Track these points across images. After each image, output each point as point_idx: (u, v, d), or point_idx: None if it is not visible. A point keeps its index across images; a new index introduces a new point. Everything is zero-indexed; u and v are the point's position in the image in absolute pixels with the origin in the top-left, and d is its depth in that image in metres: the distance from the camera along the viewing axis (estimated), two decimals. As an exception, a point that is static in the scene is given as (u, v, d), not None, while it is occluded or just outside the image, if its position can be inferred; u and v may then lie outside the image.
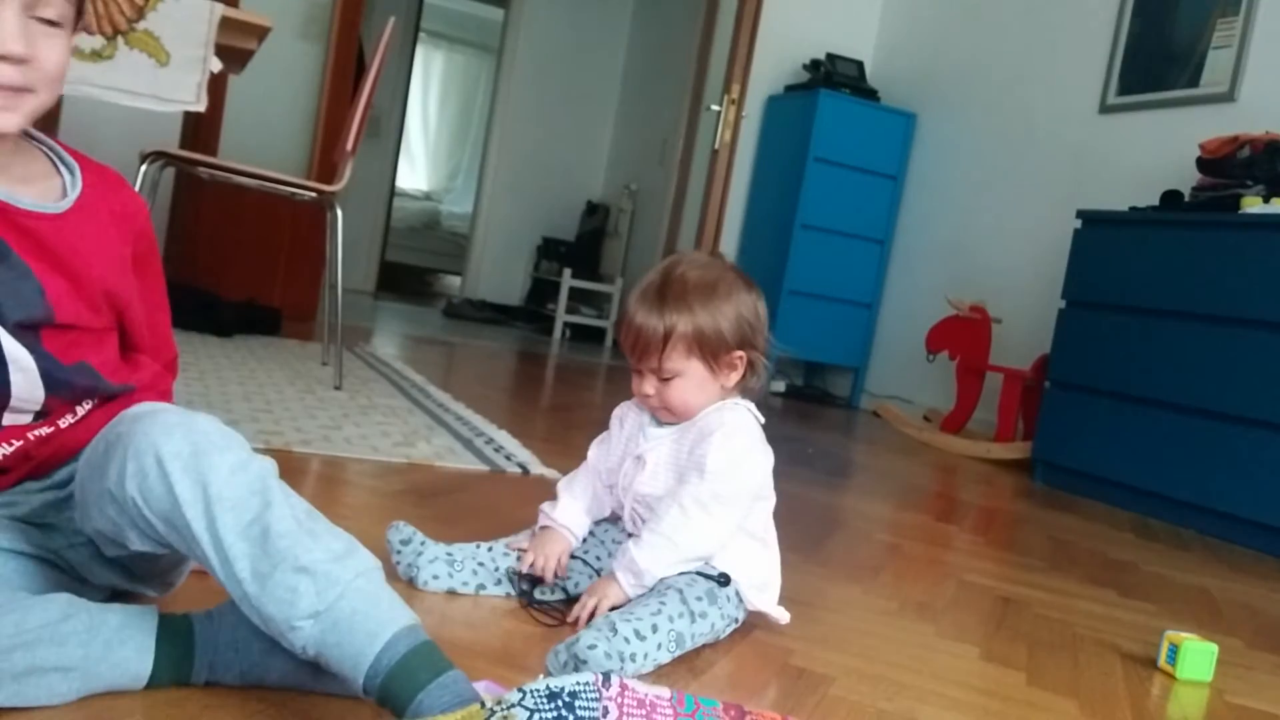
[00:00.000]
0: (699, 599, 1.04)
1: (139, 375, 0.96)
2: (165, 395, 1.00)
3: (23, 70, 0.76)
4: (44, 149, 0.88)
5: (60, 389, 0.87)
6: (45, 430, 0.88)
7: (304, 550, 0.72)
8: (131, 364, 0.96)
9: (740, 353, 1.14)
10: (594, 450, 1.25)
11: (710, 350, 1.12)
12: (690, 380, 1.13)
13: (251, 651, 0.79)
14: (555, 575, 1.15)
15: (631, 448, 1.19)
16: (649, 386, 1.14)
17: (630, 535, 1.17)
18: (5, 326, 0.82)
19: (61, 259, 0.84)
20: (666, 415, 1.16)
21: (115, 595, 0.90)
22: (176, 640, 0.79)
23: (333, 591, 0.72)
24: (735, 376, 1.15)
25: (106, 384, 0.90)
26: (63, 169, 0.88)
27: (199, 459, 0.74)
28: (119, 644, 0.76)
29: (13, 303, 0.81)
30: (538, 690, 0.71)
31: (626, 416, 1.23)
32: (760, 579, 1.16)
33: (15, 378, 0.84)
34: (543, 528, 1.20)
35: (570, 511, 1.21)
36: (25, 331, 0.83)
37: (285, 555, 0.72)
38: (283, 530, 0.73)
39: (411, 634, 0.73)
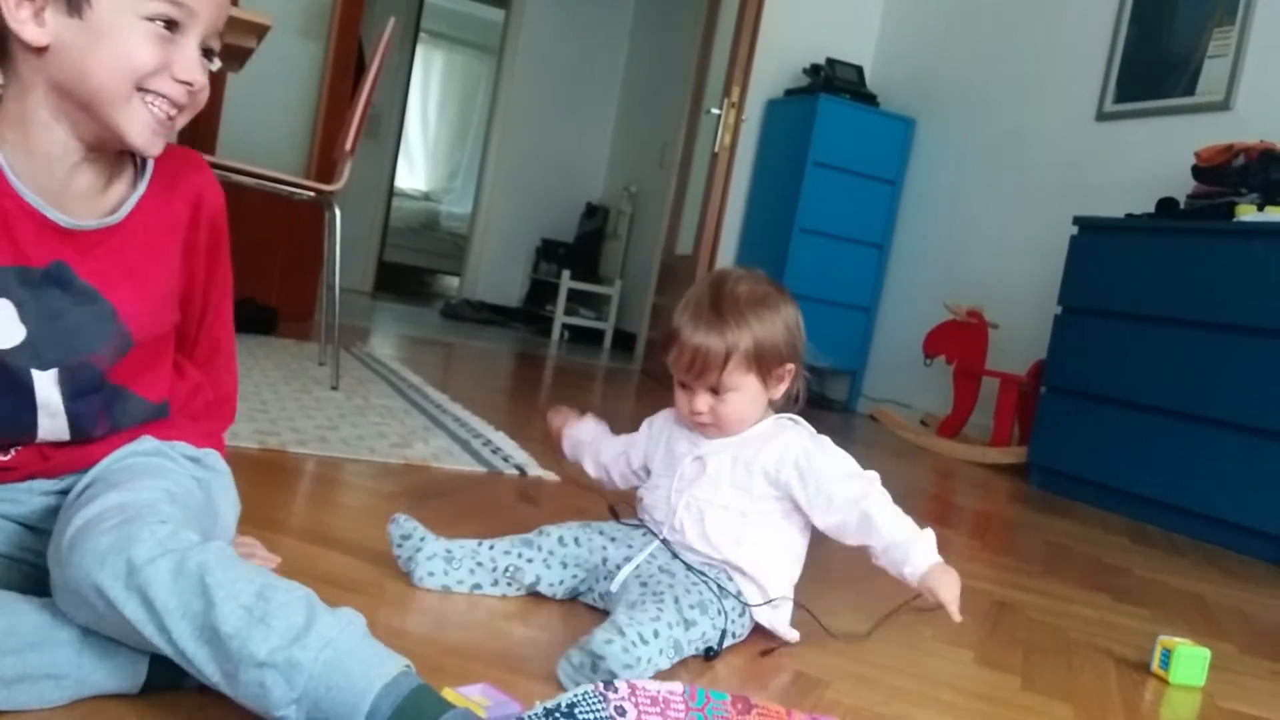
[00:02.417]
0: (691, 608, 1.05)
1: (177, 391, 0.95)
2: (196, 416, 0.98)
3: (188, 92, 0.83)
4: None
5: (87, 430, 0.87)
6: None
7: (259, 643, 0.68)
8: (177, 371, 0.96)
9: (790, 365, 1.16)
10: (639, 435, 1.29)
11: (766, 364, 1.14)
12: (745, 394, 1.14)
13: None
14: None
15: (682, 447, 1.19)
16: (702, 404, 1.14)
17: (660, 538, 1.17)
18: (77, 357, 0.83)
19: (129, 268, 0.85)
20: (714, 432, 1.17)
21: None
22: None
23: (300, 677, 0.68)
24: (783, 388, 1.17)
25: (138, 412, 0.91)
26: (137, 160, 0.88)
27: (136, 575, 0.70)
28: (114, 651, 0.75)
29: (91, 335, 0.83)
30: (534, 713, 0.71)
31: (658, 424, 1.26)
32: (776, 595, 1.16)
33: (43, 423, 0.85)
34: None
35: (605, 441, 1.31)
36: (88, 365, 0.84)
37: (241, 655, 0.68)
38: (230, 630, 0.69)
39: (395, 688, 0.69)
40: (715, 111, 4.25)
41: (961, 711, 1.08)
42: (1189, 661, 1.29)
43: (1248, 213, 2.53)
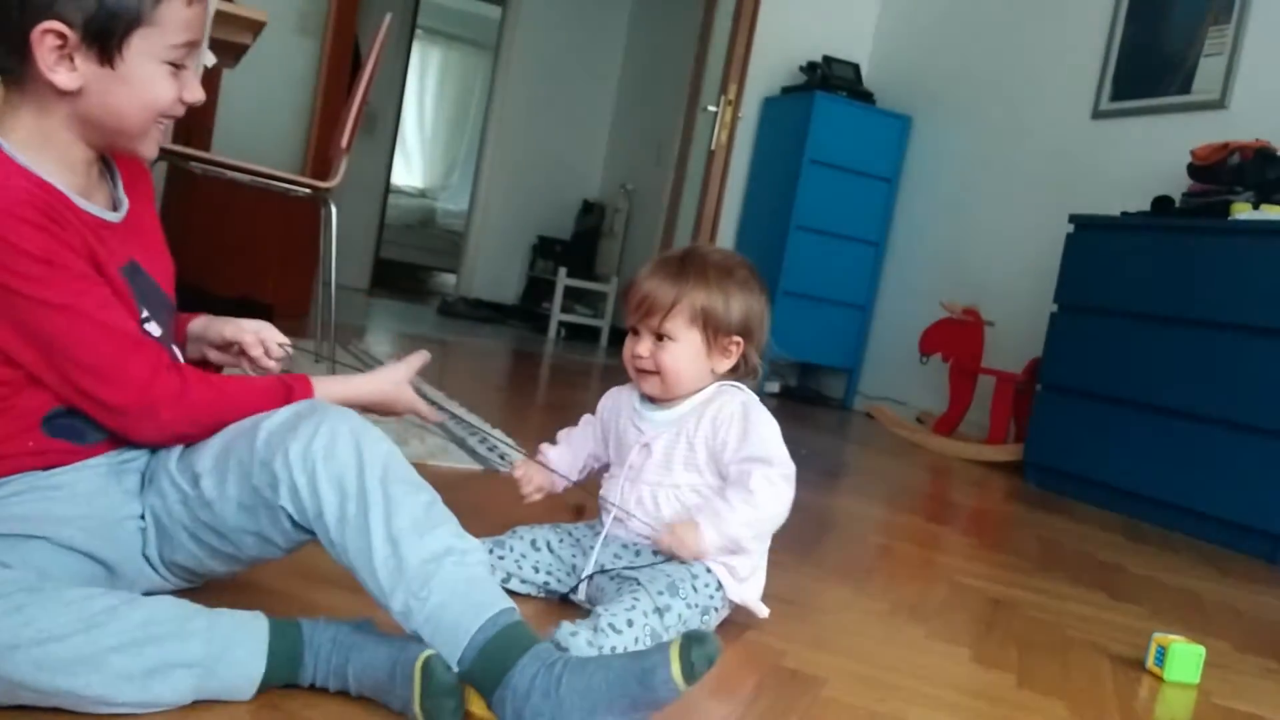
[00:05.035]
0: (660, 593, 1.04)
1: None
2: None
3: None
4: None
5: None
6: None
7: (454, 528, 0.88)
8: None
9: (739, 339, 1.15)
10: (586, 424, 1.28)
11: (712, 326, 1.14)
12: (686, 348, 1.14)
13: (347, 646, 0.83)
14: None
15: (629, 436, 1.19)
16: (644, 347, 1.15)
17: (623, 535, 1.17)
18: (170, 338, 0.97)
19: (158, 249, 0.97)
20: (652, 385, 1.17)
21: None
22: (286, 641, 0.82)
23: (473, 556, 0.85)
24: (727, 364, 1.17)
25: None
26: (105, 170, 0.96)
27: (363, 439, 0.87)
28: (235, 644, 0.80)
29: (169, 314, 0.97)
30: None
31: (609, 403, 1.26)
32: (745, 572, 1.16)
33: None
34: (538, 459, 1.26)
35: (565, 459, 1.27)
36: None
37: (445, 520, 0.87)
38: (441, 510, 0.89)
39: (510, 613, 0.83)
40: (712, 109, 4.25)
41: (957, 709, 1.08)
42: (1184, 659, 1.30)
43: (1243, 211, 2.54)
